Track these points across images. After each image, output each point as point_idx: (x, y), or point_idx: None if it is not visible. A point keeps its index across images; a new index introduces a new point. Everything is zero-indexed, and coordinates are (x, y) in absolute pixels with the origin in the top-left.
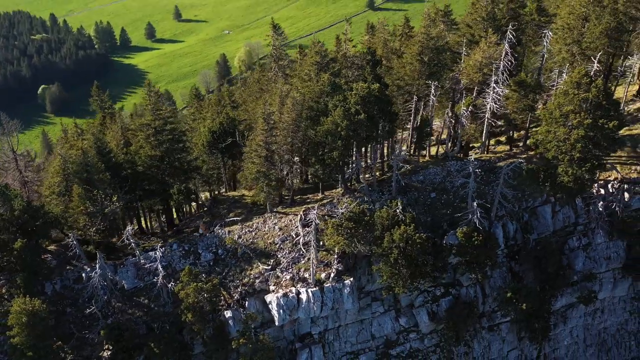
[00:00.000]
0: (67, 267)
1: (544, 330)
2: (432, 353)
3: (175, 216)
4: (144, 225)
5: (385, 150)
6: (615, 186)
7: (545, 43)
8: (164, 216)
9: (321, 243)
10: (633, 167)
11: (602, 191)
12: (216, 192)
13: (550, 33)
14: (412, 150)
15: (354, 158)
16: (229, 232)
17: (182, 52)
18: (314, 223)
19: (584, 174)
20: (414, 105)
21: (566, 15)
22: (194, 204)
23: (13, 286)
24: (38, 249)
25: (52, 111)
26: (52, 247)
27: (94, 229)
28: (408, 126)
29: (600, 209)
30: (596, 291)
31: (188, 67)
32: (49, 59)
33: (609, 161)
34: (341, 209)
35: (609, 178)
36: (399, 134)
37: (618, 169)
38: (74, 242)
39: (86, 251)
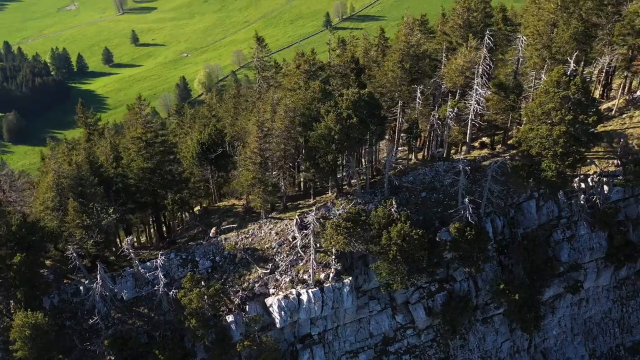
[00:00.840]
0: (64, 281)
1: (535, 319)
2: (429, 348)
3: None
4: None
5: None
6: (595, 179)
7: (520, 47)
8: (153, 229)
9: (318, 245)
10: (610, 161)
11: (583, 185)
12: (205, 204)
13: (524, 38)
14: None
15: (345, 162)
16: (226, 239)
17: (140, 77)
18: (312, 225)
19: (566, 169)
20: (399, 110)
21: (535, 21)
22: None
23: (14, 301)
24: (37, 263)
25: (10, 140)
26: (48, 262)
27: (91, 241)
28: (386, 137)
29: (582, 202)
30: (582, 281)
31: (147, 91)
32: (5, 87)
33: (588, 156)
34: (338, 210)
35: (589, 172)
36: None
37: (597, 163)
38: (74, 254)
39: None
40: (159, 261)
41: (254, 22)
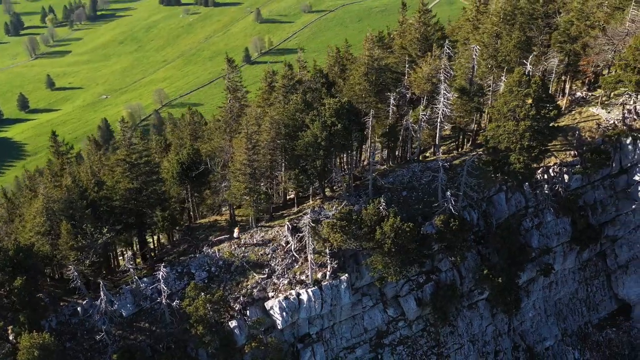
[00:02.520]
0: (61, 304)
1: (515, 301)
2: (420, 337)
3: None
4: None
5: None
6: (556, 170)
7: (474, 56)
8: (133, 249)
9: (313, 246)
10: (567, 153)
11: (546, 176)
12: (184, 222)
13: (477, 47)
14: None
15: (328, 167)
16: (219, 250)
17: (60, 121)
18: (308, 227)
19: (532, 161)
20: (370, 119)
21: (479, 34)
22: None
23: (16, 324)
24: (36, 286)
25: None
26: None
27: (88, 261)
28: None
29: (546, 191)
30: (552, 264)
31: (68, 135)
32: None
33: (548, 148)
34: (330, 211)
35: (549, 164)
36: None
37: (556, 155)
38: (75, 273)
39: (75, 286)
40: (161, 273)
41: (172, 61)
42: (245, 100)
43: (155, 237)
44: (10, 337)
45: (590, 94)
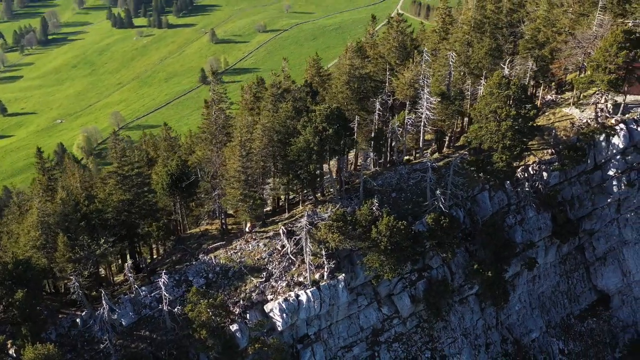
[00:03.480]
0: (60, 316)
1: (504, 294)
2: (414, 334)
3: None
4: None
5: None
6: (535, 168)
7: (450, 63)
8: (129, 260)
9: (309, 249)
10: (545, 151)
11: (526, 174)
12: (176, 233)
13: (453, 54)
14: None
15: (321, 171)
16: (215, 257)
17: (13, 147)
18: (305, 229)
19: (514, 160)
20: (355, 125)
21: (450, 44)
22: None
23: (19, 337)
24: (37, 299)
25: None
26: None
27: (86, 272)
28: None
29: (527, 189)
30: (535, 257)
31: (23, 161)
32: None
33: (527, 148)
34: (325, 213)
35: (529, 162)
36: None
37: (534, 153)
38: (76, 284)
39: (72, 299)
40: (162, 280)
41: (127, 83)
42: (230, 111)
43: (141, 249)
44: (11, 352)
45: (559, 96)
